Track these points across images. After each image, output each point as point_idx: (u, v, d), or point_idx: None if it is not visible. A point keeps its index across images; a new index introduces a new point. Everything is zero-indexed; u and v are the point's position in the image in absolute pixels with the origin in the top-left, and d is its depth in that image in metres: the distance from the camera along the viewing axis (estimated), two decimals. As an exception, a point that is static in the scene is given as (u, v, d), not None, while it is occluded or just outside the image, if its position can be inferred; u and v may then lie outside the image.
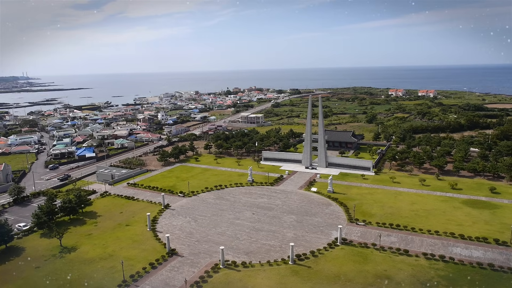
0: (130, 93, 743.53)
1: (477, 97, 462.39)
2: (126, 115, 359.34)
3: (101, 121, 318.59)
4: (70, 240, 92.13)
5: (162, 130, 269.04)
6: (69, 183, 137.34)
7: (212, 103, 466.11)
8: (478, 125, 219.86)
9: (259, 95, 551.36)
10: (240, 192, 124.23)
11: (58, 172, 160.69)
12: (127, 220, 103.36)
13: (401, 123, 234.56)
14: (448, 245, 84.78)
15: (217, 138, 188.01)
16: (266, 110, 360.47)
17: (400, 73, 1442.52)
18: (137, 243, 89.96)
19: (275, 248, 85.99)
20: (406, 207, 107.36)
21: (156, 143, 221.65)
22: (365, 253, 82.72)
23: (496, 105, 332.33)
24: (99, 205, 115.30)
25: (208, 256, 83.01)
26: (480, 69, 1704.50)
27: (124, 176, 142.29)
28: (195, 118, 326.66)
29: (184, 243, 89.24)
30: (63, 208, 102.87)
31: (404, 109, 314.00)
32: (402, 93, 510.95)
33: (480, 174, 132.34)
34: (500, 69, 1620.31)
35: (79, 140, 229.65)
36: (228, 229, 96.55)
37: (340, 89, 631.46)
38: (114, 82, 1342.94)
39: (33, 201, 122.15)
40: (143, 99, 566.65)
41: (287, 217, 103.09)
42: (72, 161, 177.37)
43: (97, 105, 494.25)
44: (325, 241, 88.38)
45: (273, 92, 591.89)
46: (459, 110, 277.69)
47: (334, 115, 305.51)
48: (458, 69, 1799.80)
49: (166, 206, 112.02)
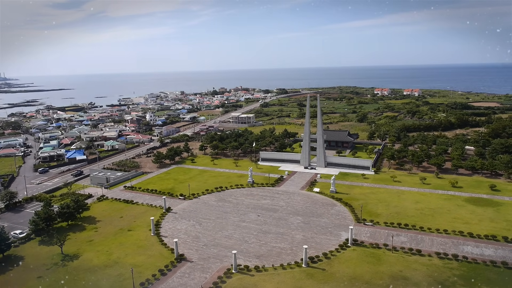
0: (114, 93, 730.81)
1: (460, 95, 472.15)
2: (112, 116, 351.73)
3: (87, 123, 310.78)
4: (71, 247, 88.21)
5: (152, 131, 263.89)
6: (63, 186, 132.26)
7: (199, 103, 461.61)
8: (468, 123, 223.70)
9: (246, 95, 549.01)
10: (241, 194, 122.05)
11: (48, 176, 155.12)
12: (129, 225, 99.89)
13: (392, 122, 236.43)
14: (458, 244, 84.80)
15: (211, 138, 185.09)
16: (256, 110, 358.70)
17: (383, 73, 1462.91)
18: (142, 248, 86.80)
19: (286, 250, 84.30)
20: (411, 206, 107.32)
21: (148, 145, 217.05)
22: (378, 253, 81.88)
23: (480, 104, 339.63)
24: (97, 210, 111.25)
25: (219, 260, 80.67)
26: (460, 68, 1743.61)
27: (120, 179, 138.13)
28: (184, 119, 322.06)
29: (192, 247, 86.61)
30: (61, 213, 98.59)
31: (393, 108, 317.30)
32: (387, 92, 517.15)
33: (478, 172, 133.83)
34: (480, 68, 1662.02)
35: (66, 142, 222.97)
36: (235, 232, 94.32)
37: (326, 89, 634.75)
38: (96, 83, 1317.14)
39: (26, 207, 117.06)
40: (128, 100, 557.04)
41: (293, 218, 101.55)
42: (62, 164, 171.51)
43: (81, 106, 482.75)
44: (335, 243, 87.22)
45: (260, 92, 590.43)
46: (447, 109, 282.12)
47: (325, 114, 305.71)
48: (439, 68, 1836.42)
49: (167, 209, 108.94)
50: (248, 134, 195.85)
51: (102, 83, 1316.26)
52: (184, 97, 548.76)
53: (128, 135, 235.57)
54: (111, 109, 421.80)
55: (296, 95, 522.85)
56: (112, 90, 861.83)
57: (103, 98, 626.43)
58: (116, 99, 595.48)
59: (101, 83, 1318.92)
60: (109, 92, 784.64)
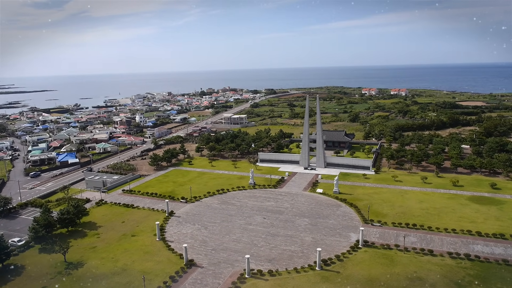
0: (99, 94, 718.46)
1: (446, 95, 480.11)
2: (101, 118, 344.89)
3: (75, 125, 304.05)
4: (74, 254, 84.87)
5: (143, 132, 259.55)
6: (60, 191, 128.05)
7: (188, 104, 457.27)
8: (459, 122, 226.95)
9: (235, 95, 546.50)
10: (244, 196, 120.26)
11: (41, 180, 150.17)
12: (132, 230, 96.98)
13: (385, 122, 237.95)
14: (468, 243, 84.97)
15: (207, 140, 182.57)
16: (246, 110, 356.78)
17: (369, 73, 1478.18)
18: (149, 254, 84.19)
19: (297, 253, 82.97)
20: (416, 205, 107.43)
21: (140, 147, 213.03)
22: (390, 255, 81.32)
23: (467, 103, 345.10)
24: (97, 215, 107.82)
25: (230, 265, 78.77)
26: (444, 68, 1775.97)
27: (118, 183, 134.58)
28: (174, 120, 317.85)
29: (200, 252, 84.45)
30: (61, 219, 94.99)
31: (383, 108, 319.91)
32: (375, 92, 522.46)
33: (477, 171, 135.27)
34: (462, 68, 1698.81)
35: (55, 145, 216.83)
36: (242, 235, 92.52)
37: (314, 89, 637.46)
38: (80, 84, 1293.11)
39: (21, 213, 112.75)
40: (114, 101, 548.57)
41: (300, 220, 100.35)
42: (54, 168, 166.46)
43: (66, 108, 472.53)
44: (345, 244, 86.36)
45: (248, 92, 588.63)
46: (437, 108, 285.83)
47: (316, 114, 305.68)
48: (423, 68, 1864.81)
49: (170, 213, 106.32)
50: (243, 135, 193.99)
51: (86, 84, 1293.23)
52: (172, 98, 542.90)
53: (120, 137, 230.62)
54: (98, 111, 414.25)
55: (285, 95, 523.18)
56: (96, 91, 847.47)
57: (88, 100, 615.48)
58: (101, 100, 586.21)
59: (85, 84, 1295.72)
60: (93, 93, 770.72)
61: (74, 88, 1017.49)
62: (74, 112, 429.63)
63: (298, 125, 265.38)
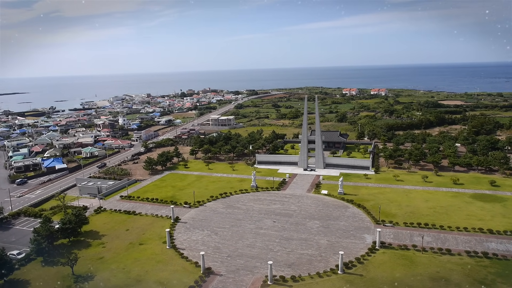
0: (74, 97, 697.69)
1: (423, 94, 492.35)
2: (81, 121, 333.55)
3: (54, 128, 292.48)
4: (81, 266, 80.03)
5: (129, 135, 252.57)
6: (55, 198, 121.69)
7: (170, 106, 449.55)
8: (445, 121, 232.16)
9: (216, 96, 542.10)
10: (248, 199, 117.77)
11: (29, 188, 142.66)
12: (138, 238, 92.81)
13: (373, 121, 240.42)
14: (482, 241, 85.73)
15: (201, 142, 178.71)
16: (231, 111, 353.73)
17: (347, 73, 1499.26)
18: (162, 263, 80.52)
19: (315, 257, 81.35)
20: (422, 205, 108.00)
21: (128, 150, 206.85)
22: (408, 255, 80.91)
23: (447, 102, 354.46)
24: (98, 223, 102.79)
25: (249, 272, 76.27)
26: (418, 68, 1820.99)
27: (114, 189, 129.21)
28: (159, 122, 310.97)
29: (216, 259, 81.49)
30: (63, 229, 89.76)
31: (368, 108, 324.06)
32: (355, 92, 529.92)
33: (474, 169, 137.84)
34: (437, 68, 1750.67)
35: (37, 150, 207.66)
36: (256, 240, 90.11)
37: (294, 89, 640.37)
38: (53, 86, 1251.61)
39: (15, 223, 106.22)
40: (91, 103, 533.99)
41: (311, 223, 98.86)
42: (41, 174, 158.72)
43: (41, 111, 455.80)
44: (362, 246, 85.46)
45: (229, 93, 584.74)
46: (420, 108, 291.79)
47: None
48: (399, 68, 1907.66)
49: (176, 219, 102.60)
50: (236, 137, 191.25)
51: (59, 86, 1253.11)
52: (152, 100, 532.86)
53: (106, 141, 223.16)
54: (76, 114, 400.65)
55: (267, 96, 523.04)
56: (71, 93, 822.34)
57: (63, 102, 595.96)
58: (77, 102, 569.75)
59: (58, 86, 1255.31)
60: (68, 95, 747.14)
61: (48, 90, 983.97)
62: (51, 115, 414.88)
63: (287, 125, 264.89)
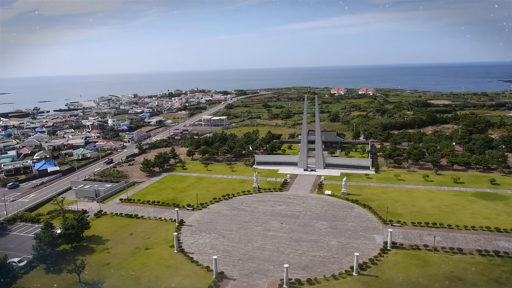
0: (58, 97, 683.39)
1: (410, 94, 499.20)
2: (68, 122, 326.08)
3: (41, 130, 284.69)
4: (87, 273, 77.08)
5: (120, 136, 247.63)
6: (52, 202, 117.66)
7: (159, 106, 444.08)
8: (437, 120, 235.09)
9: (205, 96, 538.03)
10: (252, 201, 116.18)
11: (21, 191, 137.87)
12: (144, 243, 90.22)
13: (366, 121, 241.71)
14: (491, 240, 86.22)
15: (197, 143, 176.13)
16: (222, 112, 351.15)
17: (333, 73, 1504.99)
18: (172, 269, 78.27)
19: (328, 259, 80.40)
20: (426, 204, 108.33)
21: (121, 151, 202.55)
22: (420, 255, 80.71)
23: (435, 101, 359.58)
24: (99, 228, 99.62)
25: (263, 275, 74.77)
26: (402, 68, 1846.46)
27: (112, 191, 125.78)
28: (150, 123, 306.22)
29: (227, 263, 79.68)
30: (65, 235, 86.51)
31: (359, 107, 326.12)
32: (343, 91, 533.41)
33: (472, 167, 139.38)
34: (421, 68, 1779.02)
35: (26, 152, 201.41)
36: (265, 242, 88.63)
37: (283, 89, 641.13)
38: (36, 86, 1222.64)
39: (11, 229, 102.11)
40: (76, 104, 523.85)
41: (319, 224, 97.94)
42: (33, 177, 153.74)
43: (25, 112, 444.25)
44: (373, 247, 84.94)
45: (218, 93, 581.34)
46: (411, 107, 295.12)
47: (296, 114, 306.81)
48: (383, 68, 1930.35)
49: (180, 222, 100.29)
50: (233, 138, 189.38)
51: (42, 86, 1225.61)
52: (139, 100, 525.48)
53: (97, 142, 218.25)
54: (63, 114, 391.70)
55: (256, 96, 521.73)
56: (55, 93, 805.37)
57: (48, 103, 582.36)
58: (62, 103, 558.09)
59: (41, 86, 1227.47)
60: (52, 96, 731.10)
61: (30, 91, 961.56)
62: (36, 116, 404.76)
63: (280, 126, 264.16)
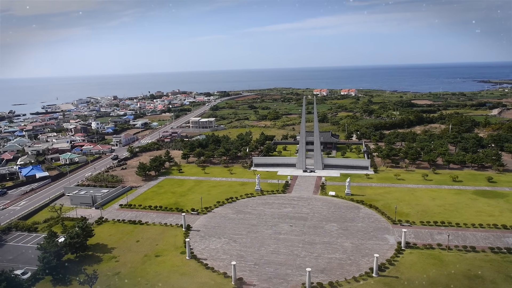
0: (34, 100, 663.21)
1: (391, 94, 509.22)
2: (49, 125, 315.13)
3: (21, 133, 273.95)
4: (98, 284, 73.53)
5: (106, 140, 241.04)
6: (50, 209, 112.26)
7: (141, 108, 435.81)
8: (424, 120, 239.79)
9: (188, 98, 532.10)
10: (257, 203, 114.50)
11: (10, 199, 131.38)
12: (153, 250, 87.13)
13: (355, 121, 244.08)
14: (500, 237, 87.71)
15: (191, 146, 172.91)
16: (208, 113, 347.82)
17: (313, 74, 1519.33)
18: (187, 276, 75.72)
19: (345, 261, 79.75)
20: (431, 203, 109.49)
21: (110, 155, 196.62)
22: (435, 254, 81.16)
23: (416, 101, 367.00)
24: (103, 235, 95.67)
25: (283, 280, 73.30)
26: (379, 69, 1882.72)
27: (110, 197, 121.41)
28: (135, 125, 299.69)
29: (244, 269, 77.73)
30: (70, 244, 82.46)
31: (345, 108, 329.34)
32: (326, 92, 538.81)
33: (468, 166, 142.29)
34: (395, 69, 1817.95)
35: (8, 157, 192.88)
36: (278, 246, 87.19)
37: (265, 90, 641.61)
38: (8, 89, 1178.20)
39: (7, 239, 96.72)
40: (54, 107, 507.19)
41: (329, 225, 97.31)
42: (20, 184, 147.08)
43: (1, 115, 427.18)
44: (387, 247, 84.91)
45: (200, 95, 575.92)
46: (396, 107, 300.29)
47: (284, 115, 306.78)
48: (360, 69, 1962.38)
49: (187, 227, 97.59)
50: (226, 139, 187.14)
51: (15, 88, 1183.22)
52: (120, 102, 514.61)
53: (84, 146, 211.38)
54: (41, 118, 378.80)
55: (240, 97, 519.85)
56: (30, 96, 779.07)
57: (23, 106, 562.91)
58: (38, 106, 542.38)
59: (14, 88, 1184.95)
60: (27, 98, 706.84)
61: (3, 93, 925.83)
62: (13, 119, 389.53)
63: (269, 127, 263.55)
